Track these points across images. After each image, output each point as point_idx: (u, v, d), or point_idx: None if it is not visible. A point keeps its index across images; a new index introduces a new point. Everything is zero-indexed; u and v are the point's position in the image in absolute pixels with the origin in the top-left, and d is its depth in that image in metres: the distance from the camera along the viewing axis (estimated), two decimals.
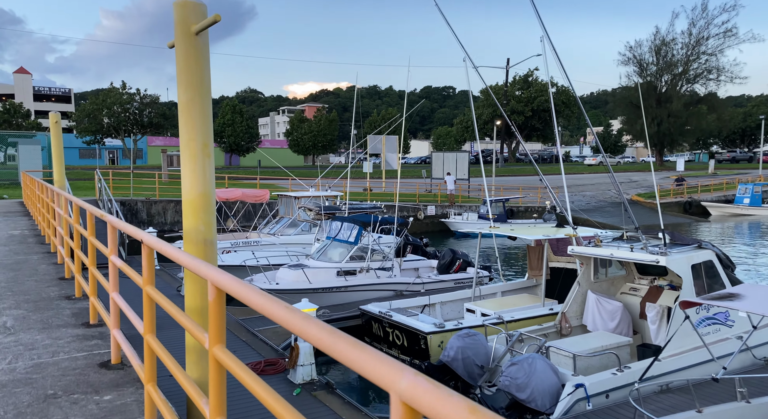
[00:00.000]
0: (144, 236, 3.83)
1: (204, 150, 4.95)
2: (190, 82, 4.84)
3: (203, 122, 4.92)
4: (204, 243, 4.98)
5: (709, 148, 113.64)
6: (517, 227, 14.66)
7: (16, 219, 17.30)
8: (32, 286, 8.37)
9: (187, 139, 4.91)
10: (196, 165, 4.92)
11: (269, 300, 2.09)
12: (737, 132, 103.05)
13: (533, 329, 11.38)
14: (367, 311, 13.09)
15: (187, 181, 4.94)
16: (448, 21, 12.22)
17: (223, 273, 2.55)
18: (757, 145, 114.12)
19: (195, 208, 4.94)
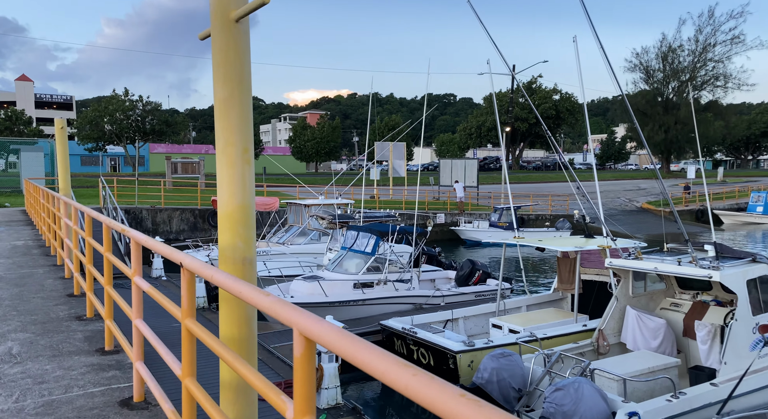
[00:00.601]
0: (184, 259, 3.16)
1: (244, 155, 4.28)
2: (229, 76, 4.18)
3: (243, 123, 4.25)
4: (243, 262, 4.30)
5: (713, 155, 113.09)
6: (546, 238, 13.98)
7: (18, 229, 16.63)
8: (39, 304, 7.69)
9: (224, 143, 4.24)
10: (235, 173, 4.25)
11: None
12: (741, 139, 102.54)
13: (569, 348, 10.68)
14: (389, 327, 12.41)
15: (225, 191, 4.27)
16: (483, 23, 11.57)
17: (318, 321, 1.88)
18: (761, 153, 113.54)
19: (233, 221, 4.27)
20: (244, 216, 4.31)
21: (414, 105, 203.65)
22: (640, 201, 48.39)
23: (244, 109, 4.28)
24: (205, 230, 27.87)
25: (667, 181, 64.01)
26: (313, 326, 1.87)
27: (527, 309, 14.48)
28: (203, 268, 2.88)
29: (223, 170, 4.27)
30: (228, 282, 2.60)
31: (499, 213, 32.38)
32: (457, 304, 15.73)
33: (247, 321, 4.37)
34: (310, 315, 1.92)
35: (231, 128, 4.22)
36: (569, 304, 14.52)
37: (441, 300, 15.78)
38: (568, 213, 39.00)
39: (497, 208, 32.86)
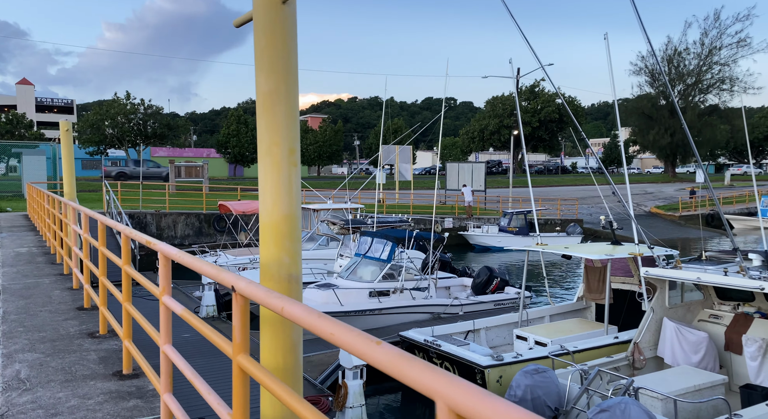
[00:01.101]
0: (237, 282, 2.61)
1: (290, 157, 3.73)
2: (275, 66, 3.64)
3: (290, 120, 3.71)
4: (288, 279, 3.75)
5: (716, 159, 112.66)
6: (572, 245, 13.41)
7: (21, 235, 16.07)
8: (47, 319, 7.13)
9: (268, 142, 3.69)
10: (281, 177, 3.70)
11: None
12: (744, 143, 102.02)
13: (604, 362, 10.11)
14: (410, 339, 11.83)
15: (268, 198, 3.72)
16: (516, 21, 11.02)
17: (474, 392, 1.32)
18: (764, 156, 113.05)
19: (278, 233, 3.72)
20: (290, 228, 3.77)
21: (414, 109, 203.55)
22: (648, 205, 47.84)
23: (292, 103, 3.73)
24: (210, 235, 27.31)
25: (673, 185, 63.55)
26: (470, 399, 1.30)
27: (550, 319, 13.92)
28: (268, 297, 2.32)
29: (267, 174, 3.73)
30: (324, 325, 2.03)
31: (509, 218, 31.81)
32: (476, 314, 15.17)
33: (293, 348, 3.82)
34: (460, 382, 1.36)
35: (276, 126, 3.68)
36: (593, 314, 13.97)
37: (459, 309, 15.21)
38: (577, 218, 38.47)
39: (506, 212, 32.29)
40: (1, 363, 5.36)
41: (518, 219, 31.78)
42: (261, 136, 3.74)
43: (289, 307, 2.16)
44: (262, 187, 3.76)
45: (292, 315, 2.14)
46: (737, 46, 64.71)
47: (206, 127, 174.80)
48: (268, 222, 3.74)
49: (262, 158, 3.74)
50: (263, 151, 3.72)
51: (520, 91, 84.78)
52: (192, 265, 3.20)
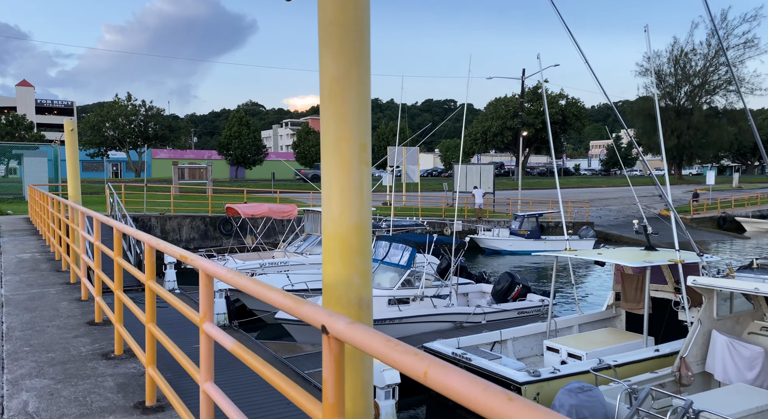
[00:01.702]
0: (332, 321, 1.94)
1: (362, 154, 3.06)
2: (346, 45, 2.97)
3: (362, 111, 3.04)
4: (359, 304, 3.07)
5: (720, 161, 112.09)
6: (605, 250, 12.74)
7: (24, 239, 15.38)
8: (55, 336, 6.45)
9: (335, 136, 3.02)
10: (351, 179, 3.03)
11: None
12: (748, 145, 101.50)
13: (648, 378, 9.44)
14: (436, 351, 11.15)
15: (335, 205, 3.05)
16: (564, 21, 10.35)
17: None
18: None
19: (346, 248, 3.04)
20: (361, 241, 3.09)
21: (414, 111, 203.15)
22: (657, 207, 47.17)
23: (364, 90, 3.06)
24: (216, 238, 26.63)
25: (680, 187, 62.90)
26: None
27: (579, 328, 13.25)
28: (388, 348, 1.66)
29: (334, 175, 3.05)
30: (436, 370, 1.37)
31: (520, 221, 31.13)
32: (499, 322, 14.50)
33: (365, 390, 3.14)
34: None
35: (346, 117, 3.00)
36: (623, 322, 13.30)
37: (482, 317, 14.53)
38: (588, 220, 37.80)
39: (517, 215, 31.61)
40: (6, 392, 4.68)
41: (530, 222, 31.11)
42: (326, 128, 3.06)
43: (434, 371, 1.49)
44: (327, 191, 3.09)
45: (437, 380, 1.47)
46: (744, 47, 64.15)
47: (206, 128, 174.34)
48: (334, 233, 3.06)
49: (327, 155, 3.07)
50: (329, 146, 3.05)
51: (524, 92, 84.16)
52: (255, 292, 2.52)
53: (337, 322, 1.90)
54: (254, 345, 11.79)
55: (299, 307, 2.15)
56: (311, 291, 15.63)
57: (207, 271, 3.18)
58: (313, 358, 12.15)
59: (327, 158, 3.07)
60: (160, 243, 4.16)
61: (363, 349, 1.76)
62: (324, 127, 3.08)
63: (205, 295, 3.29)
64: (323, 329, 1.96)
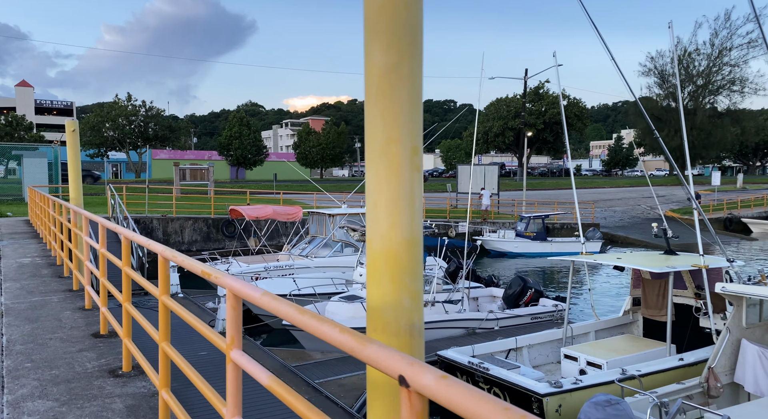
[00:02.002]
0: (414, 373, 1.55)
1: (413, 159, 2.69)
2: (397, 32, 2.59)
3: (414, 107, 2.67)
4: (410, 331, 2.69)
5: (721, 162, 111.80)
6: (624, 255, 12.35)
7: (24, 243, 14.99)
8: (58, 350, 6.07)
9: (384, 138, 2.64)
10: (401, 187, 2.65)
11: None
12: (749, 145, 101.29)
13: (675, 389, 9.06)
14: (451, 360, 10.76)
15: (383, 216, 2.67)
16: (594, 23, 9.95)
17: None
18: None
19: (396, 265, 2.67)
20: (412, 258, 2.71)
21: None
22: (662, 208, 46.83)
23: (416, 87, 2.68)
24: (219, 241, 26.25)
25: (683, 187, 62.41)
26: None
27: (596, 335, 12.87)
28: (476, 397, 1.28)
29: (382, 182, 2.67)
30: None
31: (526, 222, 30.75)
32: (511, 328, 14.13)
33: None
34: None
35: (397, 115, 2.62)
36: (640, 329, 12.92)
37: (495, 323, 14.15)
38: (594, 222, 37.43)
39: (523, 216, 31.23)
40: (6, 416, 4.30)
41: (536, 223, 30.74)
42: (373, 129, 2.68)
43: None
44: (374, 201, 2.71)
45: None
46: (748, 47, 63.72)
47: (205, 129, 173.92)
48: (382, 250, 2.68)
49: (373, 160, 2.69)
50: (376, 149, 2.67)
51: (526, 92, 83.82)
52: (303, 323, 2.14)
53: (423, 376, 1.51)
54: (261, 353, 11.41)
55: (364, 348, 1.76)
56: (318, 297, 15.25)
57: (236, 292, 2.79)
58: (323, 367, 11.77)
59: (374, 163, 2.69)
60: (176, 256, 3.78)
61: (464, 414, 1.37)
62: (370, 127, 2.71)
63: (232, 318, 2.91)
64: (401, 381, 1.58)
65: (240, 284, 2.79)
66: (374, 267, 2.72)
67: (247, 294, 2.67)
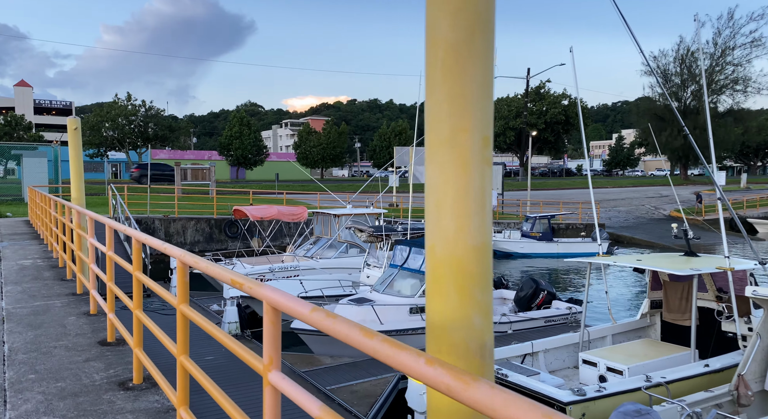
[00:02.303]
0: None
1: (484, 151, 2.32)
2: (468, 3, 2.22)
3: (485, 91, 2.29)
4: (482, 353, 2.32)
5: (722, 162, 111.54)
6: (644, 256, 11.98)
7: (24, 244, 14.62)
8: (64, 360, 5.70)
9: (451, 126, 2.27)
10: (471, 183, 2.28)
11: None
12: (751, 145, 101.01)
13: (704, 398, 8.69)
14: None
15: (448, 217, 2.30)
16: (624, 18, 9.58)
17: None
18: None
19: (464, 276, 2.30)
20: (482, 268, 2.33)
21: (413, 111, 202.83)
22: (666, 209, 46.52)
23: (489, 66, 2.30)
24: (221, 241, 25.87)
25: (687, 187, 62.20)
26: None
27: (613, 339, 12.49)
28: None
29: (448, 177, 2.29)
30: None
31: (532, 222, 30.39)
32: (525, 332, 13.77)
33: None
34: None
35: (466, 99, 2.24)
36: (658, 332, 12.55)
37: (508, 327, 13.78)
38: (599, 222, 37.05)
39: (529, 216, 30.87)
40: None
41: (541, 224, 30.38)
42: (436, 115, 2.31)
43: None
44: (437, 200, 2.34)
45: None
46: (751, 46, 63.45)
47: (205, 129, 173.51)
48: (447, 257, 2.31)
49: (437, 151, 2.32)
50: (440, 139, 2.30)
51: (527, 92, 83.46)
52: (375, 351, 1.76)
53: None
54: None
55: (472, 388, 1.38)
56: (326, 299, 14.89)
57: (276, 305, 2.42)
58: (333, 372, 11.40)
59: (437, 156, 2.32)
60: (199, 262, 3.41)
61: None
62: (433, 113, 2.33)
63: (271, 335, 2.54)
64: None
65: (281, 296, 2.42)
66: (437, 278, 2.35)
67: (292, 308, 2.30)
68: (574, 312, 14.69)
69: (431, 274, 2.39)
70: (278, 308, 2.44)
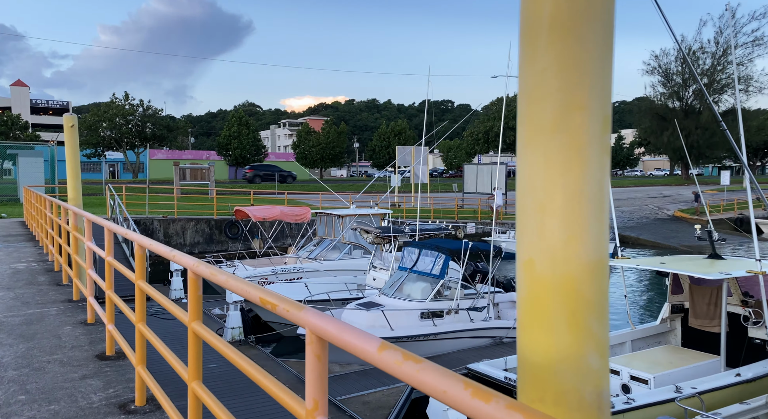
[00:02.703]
0: None
1: (603, 137, 1.77)
2: None
3: (605, 59, 1.75)
4: (599, 404, 1.77)
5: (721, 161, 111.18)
6: (667, 259, 11.45)
7: (19, 246, 14.05)
8: (58, 377, 5.15)
9: (560, 102, 1.72)
10: (587, 177, 1.74)
11: None
12: (750, 145, 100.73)
13: (741, 411, 8.18)
14: (485, 375, 9.82)
15: (554, 224, 1.75)
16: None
17: None
18: None
19: (577, 302, 1.75)
20: (599, 292, 1.78)
21: (412, 111, 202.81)
22: (670, 209, 46.05)
23: (609, 22, 1.77)
24: (221, 242, 25.31)
25: (688, 187, 61.76)
26: None
27: (632, 345, 11.96)
28: None
29: (554, 171, 1.74)
30: None
31: None
32: None
33: None
34: None
35: (583, 67, 1.69)
36: (678, 338, 12.03)
37: None
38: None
39: None
40: None
41: None
42: (536, 89, 1.76)
43: None
44: (537, 201, 1.79)
45: None
46: (752, 45, 63.01)
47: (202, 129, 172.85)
48: (552, 276, 1.77)
49: (537, 137, 1.77)
50: (544, 121, 1.75)
51: None
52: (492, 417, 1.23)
53: None
54: (274, 365, 10.51)
55: None
56: (333, 303, 14.35)
57: (324, 334, 1.87)
58: (342, 381, 10.85)
59: (539, 142, 1.77)
60: (217, 274, 2.86)
61: None
62: (530, 87, 1.78)
63: (316, 372, 1.99)
64: None
65: (332, 325, 1.88)
66: (537, 304, 1.81)
67: (349, 342, 1.75)
68: None
69: (528, 299, 1.85)
70: (328, 339, 1.90)
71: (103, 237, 6.26)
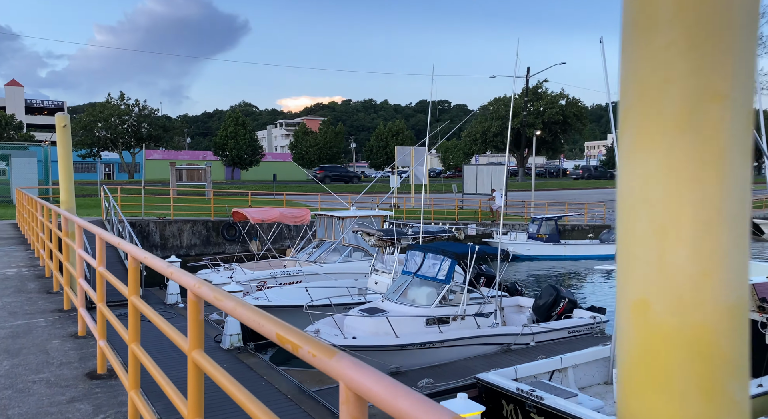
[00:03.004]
0: None
1: (746, 131, 1.32)
2: None
3: (750, 31, 1.30)
4: None
5: None
6: None
7: (9, 250, 13.56)
8: (43, 399, 4.69)
9: (691, 88, 1.26)
10: (728, 186, 1.28)
11: None
12: None
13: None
14: (495, 385, 9.40)
15: (678, 248, 1.31)
16: None
17: None
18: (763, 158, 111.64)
19: (709, 357, 1.30)
20: (739, 345, 1.33)
21: (408, 111, 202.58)
22: None
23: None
24: (219, 244, 24.83)
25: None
26: None
27: None
28: None
29: (680, 175, 1.26)
30: None
31: (538, 224, 29.48)
32: (549, 344, 12.81)
33: None
34: None
35: (721, 45, 1.21)
36: None
37: (530, 338, 12.81)
38: (605, 223, 36.22)
39: (535, 218, 29.97)
40: None
41: (548, 225, 29.47)
42: (654, 72, 1.31)
43: None
44: (653, 217, 1.34)
45: None
46: None
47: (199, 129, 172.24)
48: (675, 323, 1.32)
49: (658, 134, 1.32)
50: (666, 112, 1.31)
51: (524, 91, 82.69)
52: None
53: None
54: (275, 374, 10.04)
55: None
56: (334, 307, 13.90)
57: (360, 390, 1.43)
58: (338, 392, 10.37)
59: (658, 142, 1.31)
60: (223, 299, 2.41)
61: None
62: (649, 66, 1.34)
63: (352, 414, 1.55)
64: None
65: (371, 378, 1.44)
66: (654, 361, 1.35)
67: (393, 407, 1.31)
68: (598, 322, 13.75)
69: (639, 353, 1.39)
70: (371, 400, 1.45)
71: (95, 243, 5.81)
